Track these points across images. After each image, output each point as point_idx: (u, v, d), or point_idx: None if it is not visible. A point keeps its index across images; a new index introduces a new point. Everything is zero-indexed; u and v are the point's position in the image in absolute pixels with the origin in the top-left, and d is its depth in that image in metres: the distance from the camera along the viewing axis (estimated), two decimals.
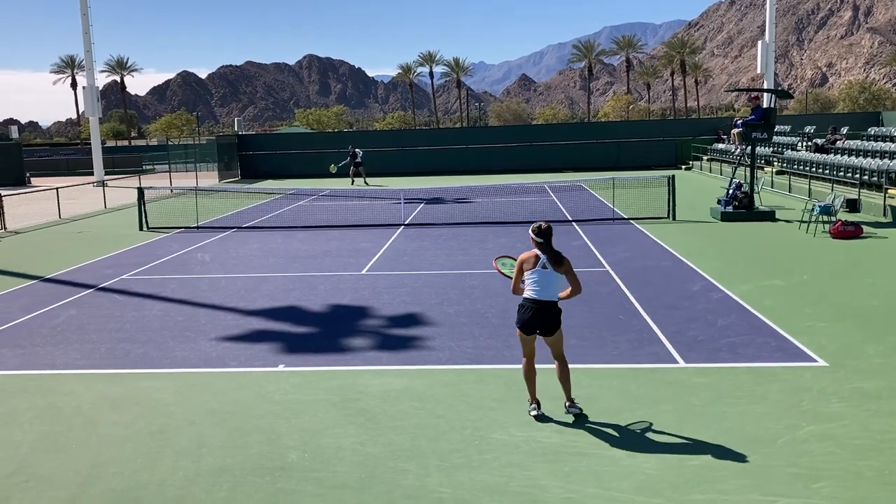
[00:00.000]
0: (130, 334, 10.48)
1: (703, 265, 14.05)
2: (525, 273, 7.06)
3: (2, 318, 11.60)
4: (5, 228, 22.55)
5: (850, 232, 16.49)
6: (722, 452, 6.21)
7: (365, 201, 28.17)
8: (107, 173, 41.86)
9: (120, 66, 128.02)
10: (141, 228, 21.46)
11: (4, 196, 23.91)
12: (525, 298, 7.05)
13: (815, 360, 8.48)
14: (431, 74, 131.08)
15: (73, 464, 6.41)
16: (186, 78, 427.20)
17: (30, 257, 17.57)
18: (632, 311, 10.96)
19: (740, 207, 19.97)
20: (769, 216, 19.82)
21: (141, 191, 22.31)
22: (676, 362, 8.59)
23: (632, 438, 6.56)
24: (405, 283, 13.43)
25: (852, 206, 20.11)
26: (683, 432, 6.65)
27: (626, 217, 20.99)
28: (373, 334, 10.23)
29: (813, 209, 17.64)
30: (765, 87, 39.14)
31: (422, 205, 25.96)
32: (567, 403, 7.14)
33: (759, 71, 41.13)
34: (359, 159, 36.08)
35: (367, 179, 36.95)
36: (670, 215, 20.43)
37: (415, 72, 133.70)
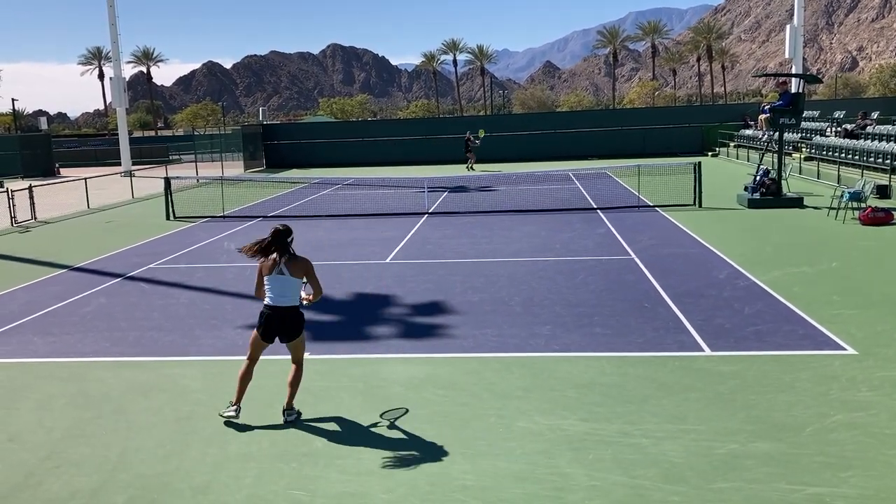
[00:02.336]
0: (158, 322, 10.60)
1: (729, 252, 13.91)
2: (264, 278, 6.95)
3: (34, 307, 11.79)
4: (35, 218, 22.88)
5: (880, 218, 16.23)
6: (749, 441, 6.17)
7: (390, 190, 28.21)
8: (134, 163, 42.30)
9: (146, 56, 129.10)
10: (168, 218, 21.67)
11: (34, 187, 24.25)
12: (264, 305, 6.93)
13: (843, 349, 8.38)
14: (455, 62, 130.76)
15: (103, 450, 6.51)
16: (212, 68, 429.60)
17: (60, 247, 17.82)
18: (657, 298, 10.89)
19: (768, 194, 19.74)
20: (797, 203, 19.57)
21: (168, 181, 22.51)
22: (703, 350, 8.52)
23: (657, 426, 6.52)
24: (429, 271, 13.45)
25: (883, 192, 19.80)
26: (710, 420, 6.60)
27: (651, 204, 20.84)
28: (397, 322, 10.26)
29: (842, 195, 17.39)
30: (793, 71, 38.56)
31: (446, 193, 25.94)
32: (286, 409, 6.96)
33: (787, 56, 40.51)
34: (476, 143, 36.02)
35: (473, 166, 36.66)
36: (696, 202, 20.24)
37: (438, 60, 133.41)
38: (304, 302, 7.00)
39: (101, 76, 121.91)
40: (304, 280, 7.01)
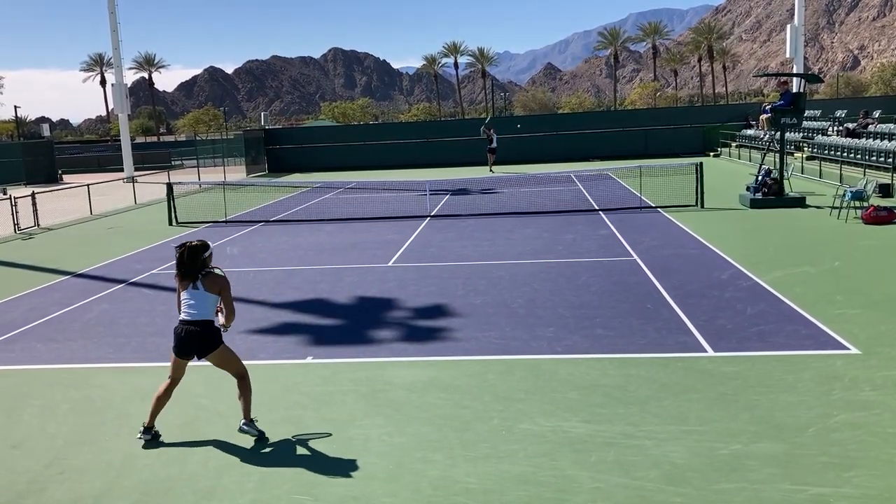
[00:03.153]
0: (160, 328, 10.62)
1: (731, 253, 13.91)
2: (181, 294, 6.79)
3: (37, 313, 11.81)
4: (38, 225, 22.93)
5: (883, 217, 16.21)
6: (751, 441, 6.16)
7: (392, 193, 28.22)
8: (136, 169, 42.39)
9: (148, 62, 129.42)
10: (170, 223, 21.71)
11: (37, 193, 24.31)
12: (179, 320, 6.76)
13: (846, 348, 8.37)
14: (456, 65, 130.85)
15: (107, 455, 6.52)
16: (213, 73, 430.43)
17: (62, 253, 17.86)
18: (660, 299, 10.89)
19: (770, 194, 19.72)
20: (799, 202, 19.55)
21: (170, 186, 22.56)
22: (705, 351, 8.52)
23: (660, 428, 6.52)
24: (431, 274, 13.46)
25: (885, 190, 19.78)
26: (712, 421, 6.60)
27: (653, 205, 20.83)
28: (399, 326, 10.26)
29: (844, 195, 17.37)
30: (794, 71, 38.54)
31: (448, 196, 25.96)
32: (243, 422, 6.74)
33: (788, 55, 40.51)
34: (493, 144, 35.80)
35: (493, 167, 36.37)
36: (698, 203, 20.23)
37: (439, 63, 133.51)
38: (222, 328, 6.80)
39: (104, 82, 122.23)
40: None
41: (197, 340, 6.65)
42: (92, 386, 8.36)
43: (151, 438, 6.71)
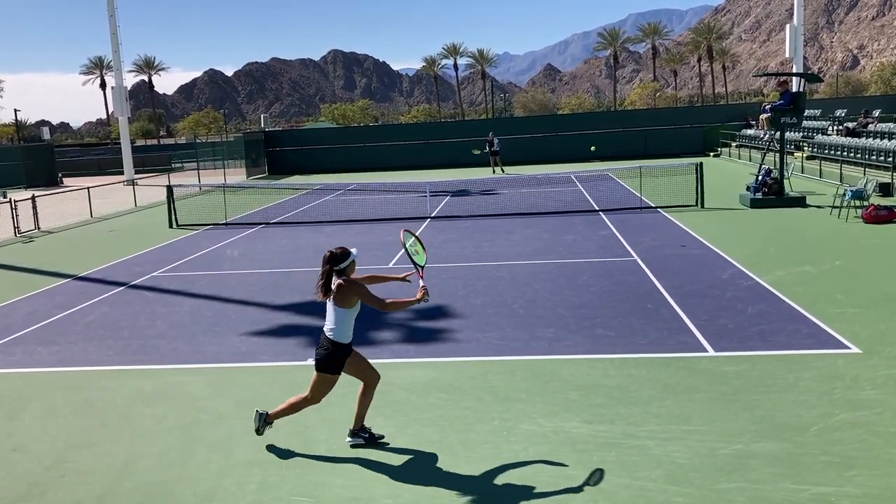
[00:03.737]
0: (161, 330, 10.62)
1: (732, 253, 13.90)
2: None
3: (37, 316, 11.81)
4: (39, 228, 22.94)
5: (883, 216, 16.20)
6: (753, 441, 6.15)
7: (392, 195, 28.23)
8: (136, 172, 42.41)
9: (148, 65, 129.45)
10: (171, 226, 21.71)
11: (37, 196, 24.31)
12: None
13: (847, 347, 8.36)
14: (456, 66, 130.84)
15: (108, 458, 6.52)
16: (213, 76, 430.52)
17: (63, 256, 17.86)
18: (660, 299, 10.88)
19: (770, 194, 19.71)
20: (800, 202, 19.54)
21: (170, 189, 22.56)
22: (706, 351, 8.51)
23: (661, 428, 6.51)
24: (432, 275, 13.43)
25: (885, 189, 19.77)
26: (714, 421, 6.59)
27: (653, 205, 20.83)
28: (400, 327, 10.26)
29: (844, 194, 17.37)
30: (793, 71, 38.55)
31: (448, 197, 25.96)
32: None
33: (787, 55, 40.51)
34: (496, 147, 35.90)
35: (503, 168, 36.41)
36: (699, 203, 20.23)
37: (439, 64, 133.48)
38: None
39: (103, 85, 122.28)
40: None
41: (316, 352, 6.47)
42: (93, 389, 8.36)
43: (368, 438, 6.53)
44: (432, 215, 21.46)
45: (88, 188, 27.73)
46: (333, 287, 6.43)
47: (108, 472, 6.25)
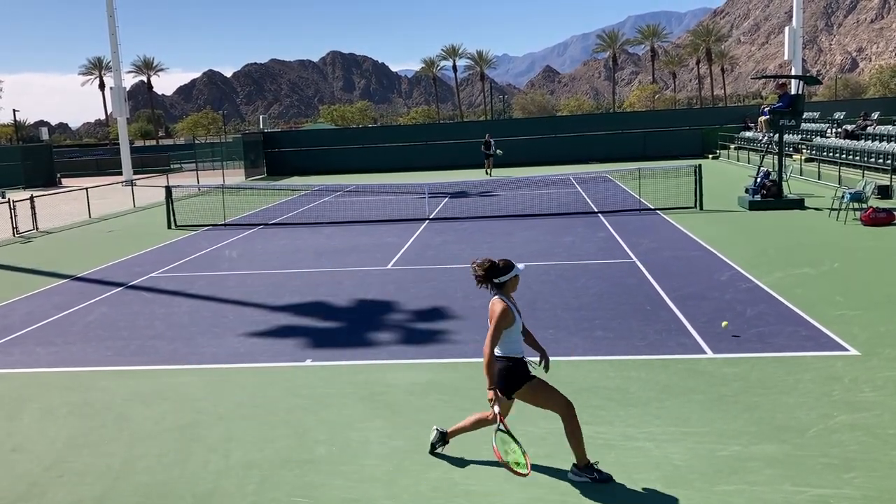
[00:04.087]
0: (160, 331, 10.61)
1: (731, 255, 13.90)
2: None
3: (36, 317, 11.80)
4: (37, 228, 22.92)
5: (882, 219, 16.22)
6: (752, 443, 6.15)
7: (390, 196, 28.23)
8: (135, 173, 42.38)
9: (147, 66, 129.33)
10: (169, 227, 21.70)
11: (36, 197, 24.30)
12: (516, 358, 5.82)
13: (846, 349, 8.36)
14: (455, 68, 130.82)
15: (106, 458, 6.51)
16: (212, 77, 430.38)
17: (62, 256, 17.85)
18: (659, 301, 10.88)
19: (769, 196, 19.73)
20: (798, 204, 19.56)
21: (169, 189, 22.55)
22: (705, 353, 8.51)
23: (660, 429, 6.51)
24: (430, 277, 13.45)
25: (884, 192, 19.79)
26: (713, 423, 6.59)
27: (652, 207, 20.84)
28: (399, 328, 10.26)
29: (843, 196, 17.38)
30: (792, 73, 38.58)
31: (447, 199, 25.96)
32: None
33: (786, 57, 40.56)
34: (491, 151, 35.86)
35: (490, 171, 36.31)
36: (697, 205, 20.24)
37: (438, 66, 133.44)
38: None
39: (102, 86, 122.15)
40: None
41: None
42: (91, 389, 8.35)
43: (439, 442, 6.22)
44: (431, 217, 21.46)
45: (87, 189, 27.72)
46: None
47: (106, 472, 6.24)
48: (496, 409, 5.53)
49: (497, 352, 5.75)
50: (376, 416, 7.17)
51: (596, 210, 21.18)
